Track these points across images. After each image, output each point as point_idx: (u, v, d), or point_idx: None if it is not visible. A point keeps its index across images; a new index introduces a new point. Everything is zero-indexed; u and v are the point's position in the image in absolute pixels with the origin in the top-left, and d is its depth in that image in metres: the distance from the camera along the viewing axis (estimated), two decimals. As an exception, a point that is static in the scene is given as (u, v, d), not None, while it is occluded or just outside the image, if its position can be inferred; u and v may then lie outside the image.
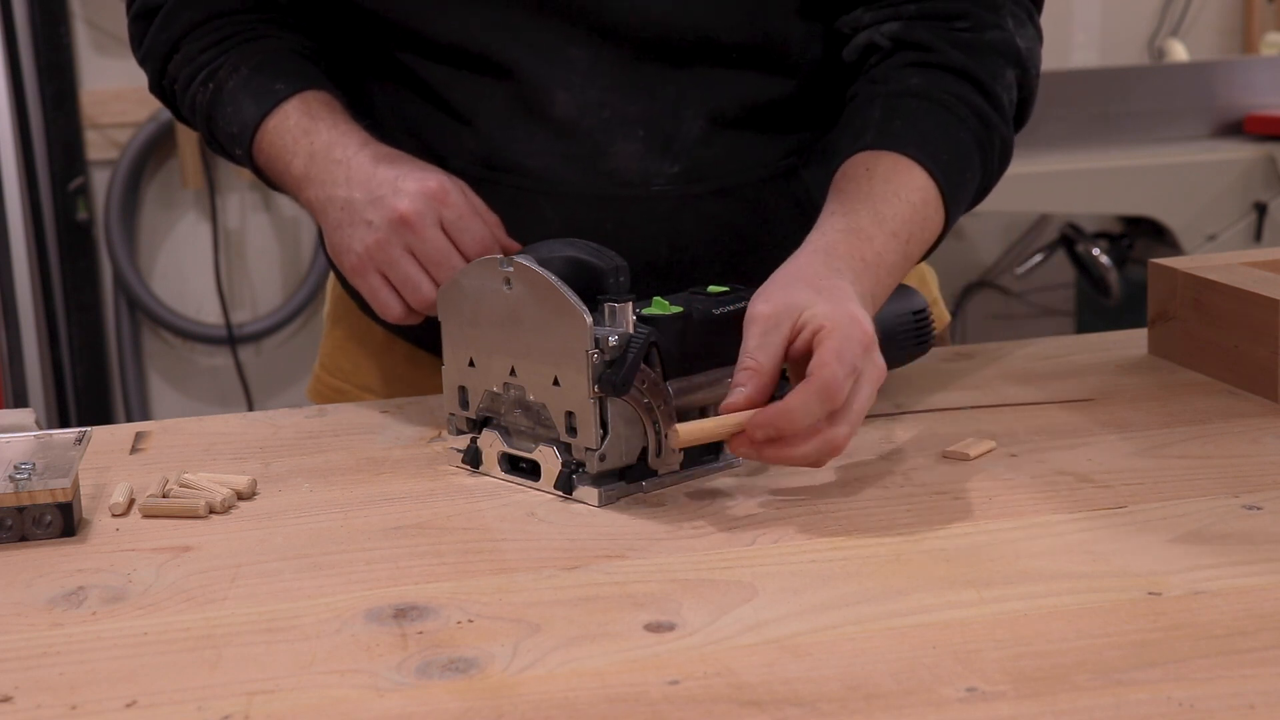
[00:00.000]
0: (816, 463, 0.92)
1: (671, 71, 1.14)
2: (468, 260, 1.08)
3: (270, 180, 1.18)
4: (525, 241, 1.13)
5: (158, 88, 1.23)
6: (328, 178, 1.11)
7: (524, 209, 1.15)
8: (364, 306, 1.28)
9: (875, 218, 1.03)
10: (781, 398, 0.91)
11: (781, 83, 1.17)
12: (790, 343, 0.93)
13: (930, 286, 1.39)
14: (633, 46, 1.13)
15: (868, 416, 1.09)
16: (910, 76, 1.11)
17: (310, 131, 1.13)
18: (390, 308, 1.09)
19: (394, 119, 1.20)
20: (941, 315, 1.39)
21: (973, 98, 1.11)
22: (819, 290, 0.95)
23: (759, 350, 0.92)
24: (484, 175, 1.16)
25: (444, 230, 1.08)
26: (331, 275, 1.38)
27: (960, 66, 1.11)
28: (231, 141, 1.17)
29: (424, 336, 1.27)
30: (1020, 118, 1.16)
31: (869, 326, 0.93)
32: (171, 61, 1.20)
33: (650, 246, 1.16)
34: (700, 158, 1.16)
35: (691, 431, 0.91)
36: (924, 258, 1.10)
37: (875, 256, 1.01)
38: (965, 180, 1.09)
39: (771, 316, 0.93)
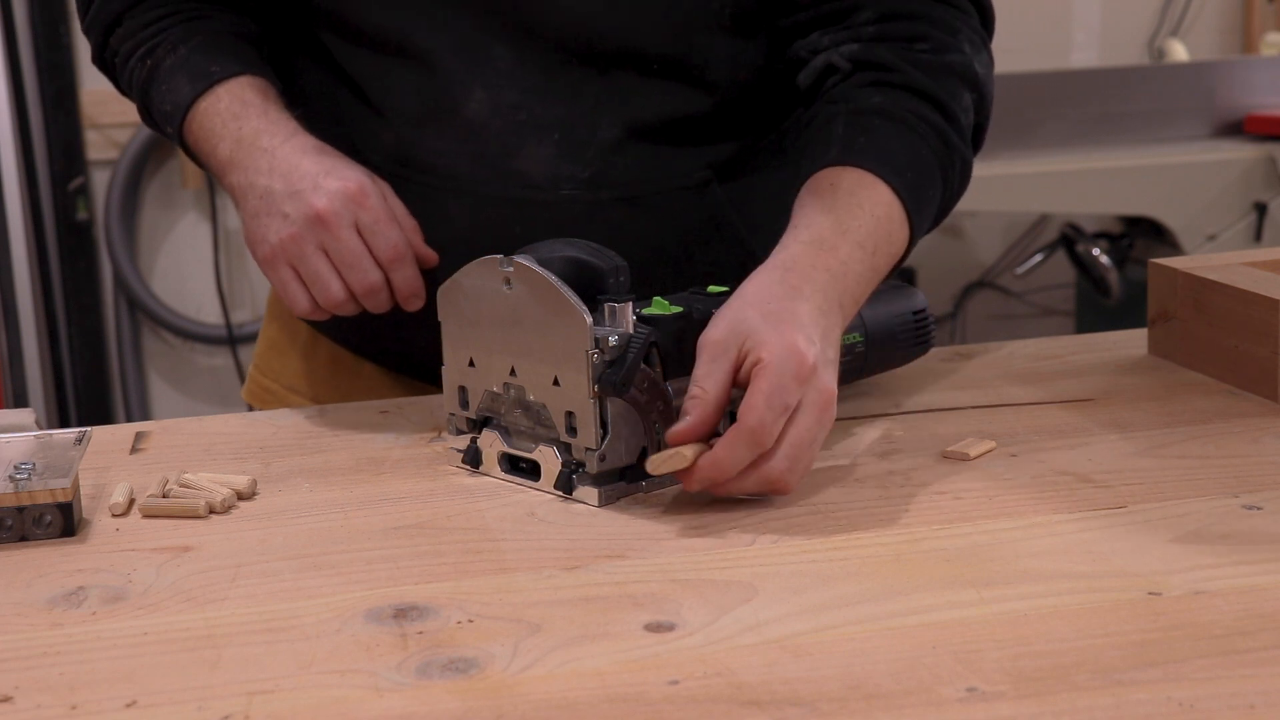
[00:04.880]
0: (768, 492, 0.93)
1: (592, 77, 1.14)
2: (379, 264, 1.09)
3: (199, 161, 1.19)
4: (436, 242, 1.13)
5: (99, 59, 1.24)
6: (251, 164, 1.12)
7: (433, 207, 1.15)
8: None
9: (838, 228, 1.01)
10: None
11: (701, 98, 1.16)
12: (738, 369, 0.93)
13: None
14: (556, 49, 1.13)
15: (870, 416, 1.10)
16: (872, 95, 1.10)
17: (240, 116, 1.14)
18: (298, 302, 1.10)
19: (322, 106, 1.20)
20: None
21: (933, 117, 1.09)
22: (767, 315, 0.94)
23: (705, 379, 0.93)
24: (397, 171, 1.16)
25: (359, 233, 1.09)
26: None
27: (921, 87, 1.09)
28: (164, 119, 1.18)
29: (349, 336, 1.27)
30: (976, 142, 1.14)
31: (810, 354, 0.92)
32: (114, 34, 1.21)
33: None
34: (612, 165, 1.15)
35: (654, 463, 0.91)
36: (891, 273, 1.07)
37: (840, 265, 1.00)
38: (928, 197, 1.08)
39: (719, 343, 0.93)
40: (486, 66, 1.13)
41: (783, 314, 0.94)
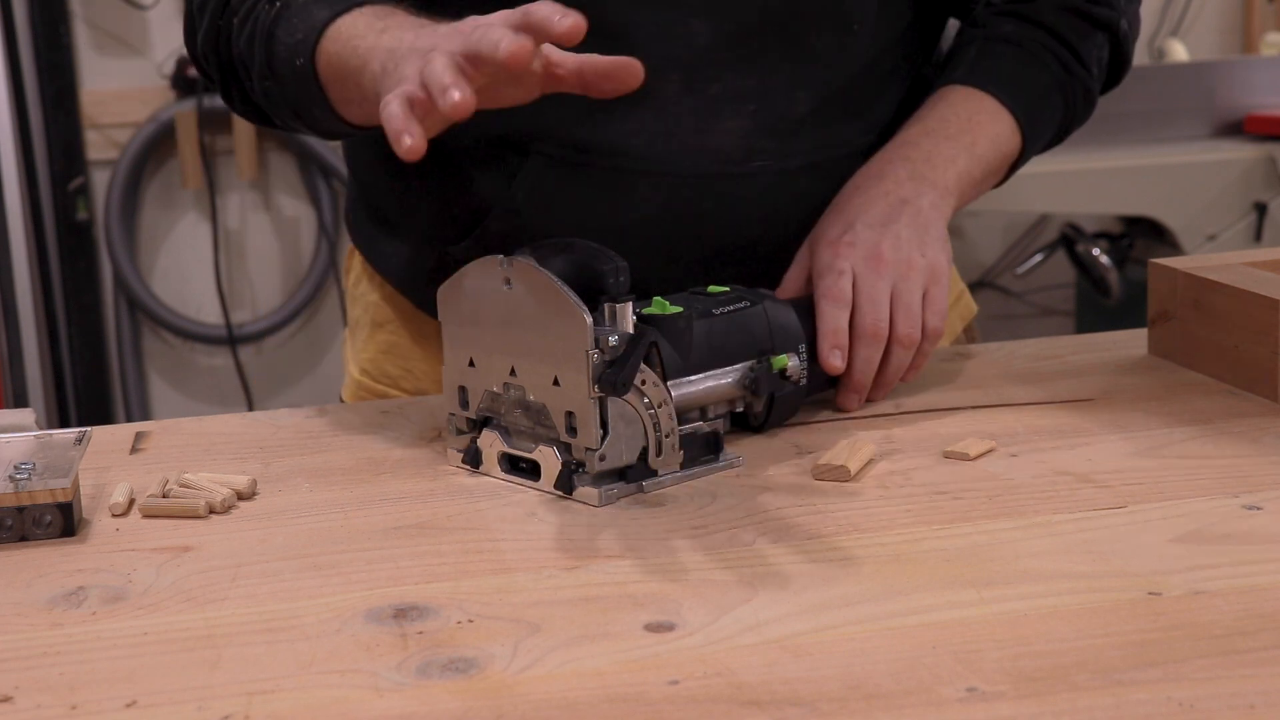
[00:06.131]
0: (917, 357, 1.11)
1: (790, 44, 1.15)
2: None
3: (327, 96, 1.06)
4: (625, 224, 1.11)
5: (214, 28, 1.14)
6: (390, 44, 0.99)
7: (620, 191, 1.14)
8: (422, 304, 1.27)
9: (924, 130, 1.17)
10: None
11: (873, 59, 1.19)
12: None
13: (955, 279, 1.39)
14: (757, 17, 1.13)
15: (870, 416, 1.10)
16: (1005, 24, 1.24)
17: (384, 17, 1.03)
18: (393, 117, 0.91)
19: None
20: (968, 306, 1.39)
21: (1059, 50, 1.22)
22: (826, 241, 1.11)
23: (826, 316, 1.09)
24: (576, 159, 1.14)
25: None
26: (365, 278, 1.36)
27: (1051, 25, 1.23)
28: (292, 52, 1.07)
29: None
30: (1114, 80, 1.31)
31: (855, 237, 1.10)
32: None
33: (746, 224, 1.16)
34: (802, 133, 1.17)
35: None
36: (1006, 177, 1.23)
37: (922, 155, 1.15)
38: (1042, 110, 1.22)
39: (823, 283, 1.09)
40: (683, 43, 1.12)
41: (834, 225, 1.13)
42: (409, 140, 0.89)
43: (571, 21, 0.88)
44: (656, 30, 1.12)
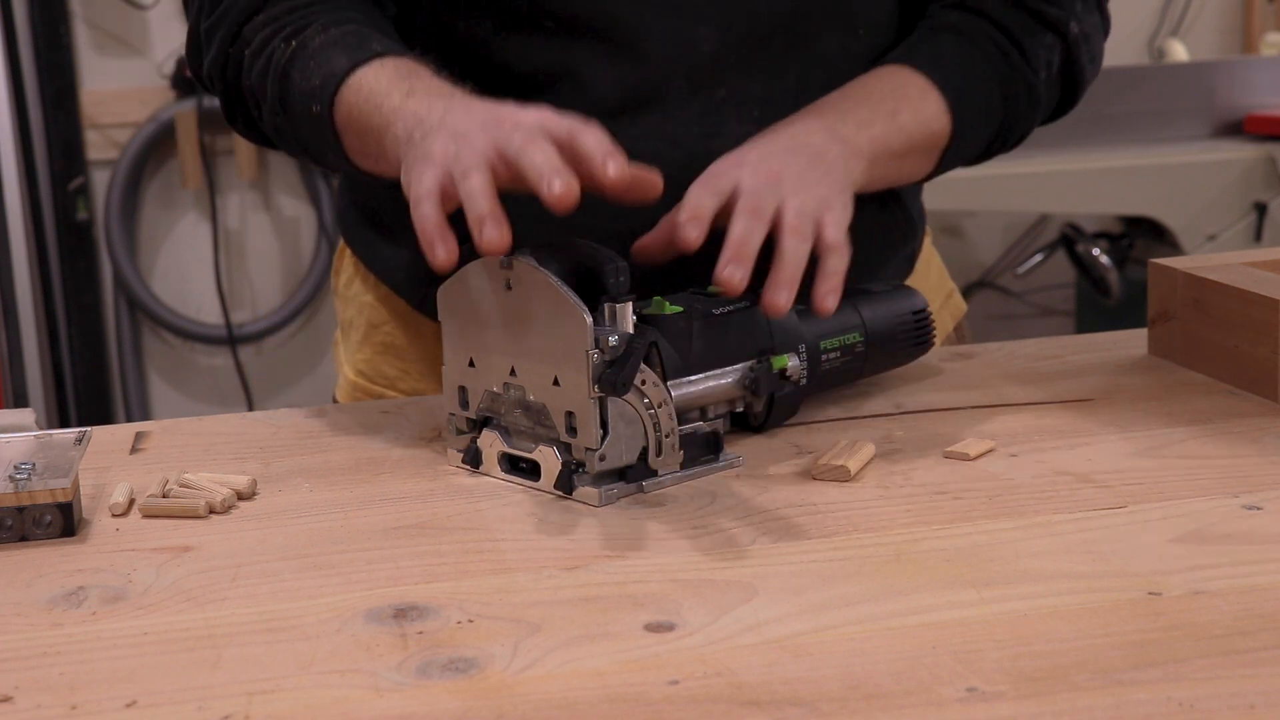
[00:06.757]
0: (829, 275, 0.98)
1: (795, 53, 1.15)
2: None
3: (342, 144, 1.06)
4: (626, 228, 1.10)
5: (223, 55, 1.14)
6: (423, 108, 0.99)
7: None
8: (419, 305, 1.27)
9: (842, 95, 1.12)
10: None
11: (874, 57, 1.19)
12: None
13: (945, 279, 1.39)
14: (764, 22, 1.13)
15: (870, 416, 1.10)
16: (950, 14, 1.21)
17: (410, 77, 1.02)
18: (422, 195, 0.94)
19: None
20: (958, 305, 1.39)
21: (1001, 41, 1.19)
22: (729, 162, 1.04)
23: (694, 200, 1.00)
24: None
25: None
26: (358, 279, 1.36)
27: (996, 18, 1.19)
28: (308, 97, 1.06)
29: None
30: (1069, 97, 1.24)
31: (744, 158, 1.02)
32: (250, 23, 1.12)
33: None
34: None
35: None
36: (939, 169, 1.18)
37: (835, 112, 1.09)
38: (975, 97, 1.17)
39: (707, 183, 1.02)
40: (690, 49, 1.13)
41: (727, 156, 1.04)
42: (443, 254, 0.91)
43: (617, 172, 0.89)
44: (663, 36, 1.12)
